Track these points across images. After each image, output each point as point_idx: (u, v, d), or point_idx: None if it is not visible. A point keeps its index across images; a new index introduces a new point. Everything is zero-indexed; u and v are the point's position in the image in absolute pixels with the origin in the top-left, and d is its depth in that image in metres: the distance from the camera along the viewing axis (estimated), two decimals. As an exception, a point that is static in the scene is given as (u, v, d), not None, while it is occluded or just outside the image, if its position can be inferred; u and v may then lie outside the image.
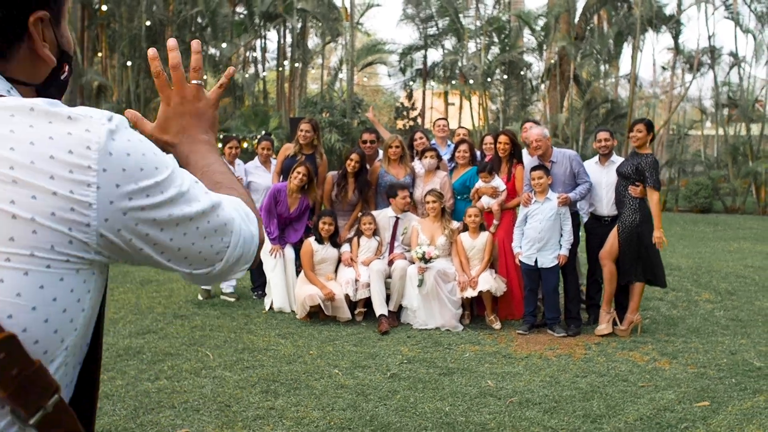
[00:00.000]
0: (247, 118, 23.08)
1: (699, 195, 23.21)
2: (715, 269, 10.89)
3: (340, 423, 4.51)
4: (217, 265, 1.09)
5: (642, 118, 7.42)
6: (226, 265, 1.11)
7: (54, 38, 1.07)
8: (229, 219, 1.08)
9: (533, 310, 7.17)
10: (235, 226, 1.10)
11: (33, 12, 1.01)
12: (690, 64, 26.42)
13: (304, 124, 8.20)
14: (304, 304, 7.16)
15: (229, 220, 1.08)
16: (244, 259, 1.14)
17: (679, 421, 4.63)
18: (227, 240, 1.08)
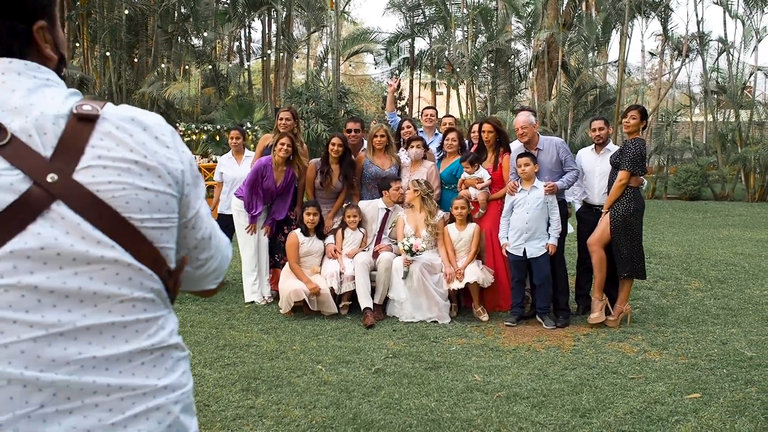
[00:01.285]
0: (231, 109, 22.82)
1: (688, 182, 23.19)
2: (704, 257, 10.80)
3: (322, 421, 4.37)
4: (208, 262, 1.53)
5: (636, 104, 7.25)
6: (209, 265, 1.54)
7: (52, 40, 1.34)
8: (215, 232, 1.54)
9: (521, 301, 7.04)
10: (219, 240, 1.56)
11: (35, 22, 1.29)
12: (679, 51, 26.36)
13: (284, 113, 8.00)
14: (289, 299, 7.00)
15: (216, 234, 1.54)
16: (218, 273, 1.59)
17: (670, 414, 4.52)
18: (214, 243, 1.53)
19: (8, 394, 1.12)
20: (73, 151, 1.20)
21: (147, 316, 1.28)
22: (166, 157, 1.31)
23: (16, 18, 1.26)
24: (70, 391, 1.16)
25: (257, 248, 7.71)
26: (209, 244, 1.49)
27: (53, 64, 1.33)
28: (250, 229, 7.63)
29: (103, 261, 1.21)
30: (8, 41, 1.26)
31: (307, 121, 21.38)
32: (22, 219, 1.15)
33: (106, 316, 1.22)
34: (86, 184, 1.19)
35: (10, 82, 1.23)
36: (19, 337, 1.14)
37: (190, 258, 1.46)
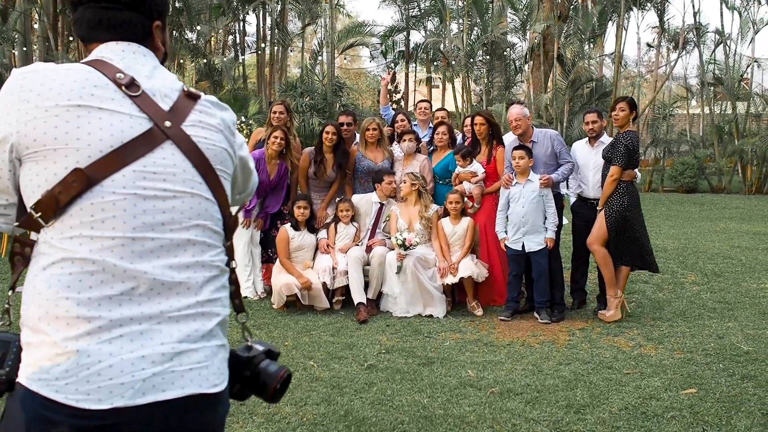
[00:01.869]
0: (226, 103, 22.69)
1: (685, 175, 23.15)
2: (701, 250, 10.75)
3: (313, 419, 4.31)
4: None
5: (624, 96, 7.17)
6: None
7: (162, 38, 1.78)
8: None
9: (517, 295, 6.98)
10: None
11: (154, 21, 1.75)
12: (675, 42, 26.25)
13: (277, 106, 7.93)
14: (281, 294, 6.94)
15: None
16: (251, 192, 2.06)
17: (665, 410, 4.46)
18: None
19: (98, 279, 1.50)
20: (182, 112, 1.66)
21: (211, 241, 1.66)
22: (231, 130, 1.80)
23: (144, 15, 1.72)
24: (153, 283, 1.53)
25: (249, 243, 7.65)
26: (252, 178, 2.01)
27: (160, 55, 1.78)
28: (244, 224, 7.56)
29: (192, 192, 1.63)
30: (139, 30, 1.71)
31: (302, 115, 21.27)
32: (147, 146, 1.57)
33: (185, 233, 1.61)
34: (191, 134, 1.65)
35: (141, 58, 1.69)
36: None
37: (244, 188, 1.98)
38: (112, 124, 1.53)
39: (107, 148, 1.51)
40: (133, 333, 1.47)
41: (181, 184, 1.61)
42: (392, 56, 31.48)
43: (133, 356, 1.45)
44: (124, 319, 1.47)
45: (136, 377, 1.44)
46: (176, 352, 1.51)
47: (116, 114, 1.54)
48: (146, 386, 1.45)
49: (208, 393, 1.54)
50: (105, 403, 1.41)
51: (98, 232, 1.49)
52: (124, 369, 1.43)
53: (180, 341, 1.52)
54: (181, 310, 1.54)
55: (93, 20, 1.68)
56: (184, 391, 1.50)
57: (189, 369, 1.52)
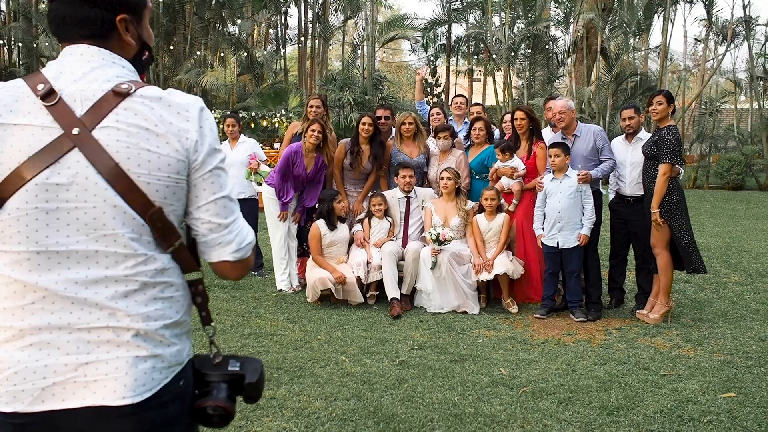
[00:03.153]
0: (266, 97, 22.82)
1: (731, 171, 22.64)
2: (746, 249, 10.51)
3: (342, 414, 4.29)
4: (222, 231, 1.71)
5: (661, 89, 7.02)
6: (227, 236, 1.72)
7: (135, 32, 1.72)
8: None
9: (553, 293, 6.89)
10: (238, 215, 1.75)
11: (118, 14, 1.67)
12: (723, 36, 25.67)
13: (314, 100, 7.94)
14: (315, 288, 6.94)
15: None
16: (235, 249, 1.73)
17: (702, 414, 4.35)
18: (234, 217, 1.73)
19: (11, 290, 1.54)
20: (98, 114, 1.56)
21: (126, 251, 1.57)
22: (179, 128, 1.62)
23: (105, 9, 1.66)
24: (56, 298, 1.53)
25: (286, 236, 7.67)
26: (224, 212, 1.69)
27: (131, 50, 1.72)
28: (281, 217, 7.58)
29: (97, 200, 1.55)
30: (98, 27, 1.66)
31: (342, 108, 21.29)
32: (52, 156, 1.52)
33: (92, 244, 1.55)
34: (100, 139, 1.55)
35: (84, 59, 1.64)
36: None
37: (201, 218, 1.68)
38: (22, 140, 1.54)
39: (15, 165, 1.52)
40: (42, 342, 1.52)
41: (84, 193, 1.55)
42: (433, 49, 31.31)
43: (38, 365, 1.51)
44: (34, 328, 1.52)
45: (36, 385, 1.50)
46: (81, 362, 1.52)
47: (28, 128, 1.55)
48: (45, 394, 1.51)
49: (114, 405, 1.52)
50: (9, 406, 1.51)
51: (8, 246, 1.54)
52: (27, 377, 1.51)
53: (88, 352, 1.53)
54: (90, 323, 1.54)
55: (58, 17, 1.67)
56: (84, 402, 1.51)
57: (94, 380, 1.52)
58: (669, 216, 6.32)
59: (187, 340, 1.73)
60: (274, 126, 19.83)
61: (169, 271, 1.65)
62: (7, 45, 28.41)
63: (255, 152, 8.40)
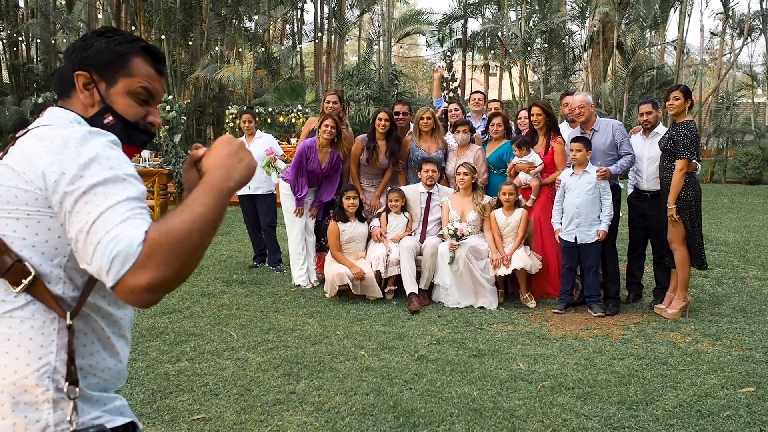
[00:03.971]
0: (282, 92, 22.88)
1: (749, 165, 22.50)
2: (764, 243, 10.46)
3: (362, 408, 4.33)
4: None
5: (678, 84, 6.99)
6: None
7: (97, 93, 1.66)
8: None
9: (570, 288, 6.90)
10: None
11: (74, 71, 1.65)
12: (740, 29, 25.48)
13: (330, 96, 7.98)
14: (333, 283, 6.99)
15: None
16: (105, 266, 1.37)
17: (721, 409, 4.36)
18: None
19: None
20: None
21: None
22: (41, 160, 1.47)
23: (68, 65, 1.68)
24: None
25: (304, 232, 7.71)
26: (86, 238, 1.39)
27: (89, 111, 1.67)
28: (297, 212, 7.63)
29: None
30: (59, 83, 1.70)
31: (359, 103, 21.32)
32: None
33: None
34: None
35: (40, 120, 1.63)
36: None
37: (77, 251, 1.42)
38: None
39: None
40: None
41: None
42: (449, 44, 31.25)
43: None
44: None
45: None
46: None
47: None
48: None
49: None
50: None
51: None
52: None
53: None
54: None
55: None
56: None
57: None
58: (684, 211, 6.32)
59: (53, 410, 1.49)
60: (291, 121, 19.88)
61: (11, 318, 1.49)
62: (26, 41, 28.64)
63: (272, 147, 8.46)
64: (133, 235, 1.33)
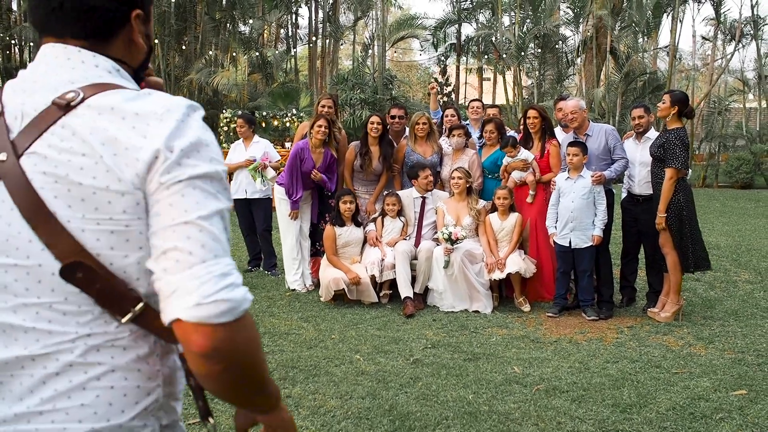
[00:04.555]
0: (277, 96, 22.91)
1: (740, 170, 22.60)
2: (755, 248, 10.52)
3: (358, 412, 4.36)
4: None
5: (673, 89, 7.07)
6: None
7: (144, 32, 1.37)
8: None
9: (565, 292, 6.94)
10: None
11: (134, 9, 1.33)
12: (732, 35, 25.63)
13: (325, 101, 8.02)
14: (329, 288, 7.01)
15: None
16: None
17: (714, 411, 4.40)
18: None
19: None
20: (31, 134, 1.20)
21: (52, 327, 1.20)
22: (128, 146, 1.17)
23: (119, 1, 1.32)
24: None
25: (299, 236, 7.74)
26: (187, 243, 1.16)
27: (138, 55, 1.38)
28: (292, 215, 7.65)
29: (19, 254, 1.20)
30: (101, 22, 1.31)
31: (353, 107, 21.36)
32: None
33: (9, 316, 1.21)
34: (26, 169, 1.18)
35: (60, 65, 1.28)
36: None
37: (153, 251, 1.19)
38: None
39: None
40: None
41: (5, 245, 1.20)
42: (443, 49, 31.34)
43: None
44: None
45: None
46: None
47: None
48: None
49: None
50: None
51: None
52: None
53: None
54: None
55: (51, 3, 1.29)
56: None
57: None
58: (675, 216, 6.37)
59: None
60: (285, 125, 19.90)
61: (113, 347, 1.24)
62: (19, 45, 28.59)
63: (267, 152, 8.50)
64: (246, 296, 1.18)
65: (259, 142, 8.81)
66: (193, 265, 1.14)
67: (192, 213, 1.16)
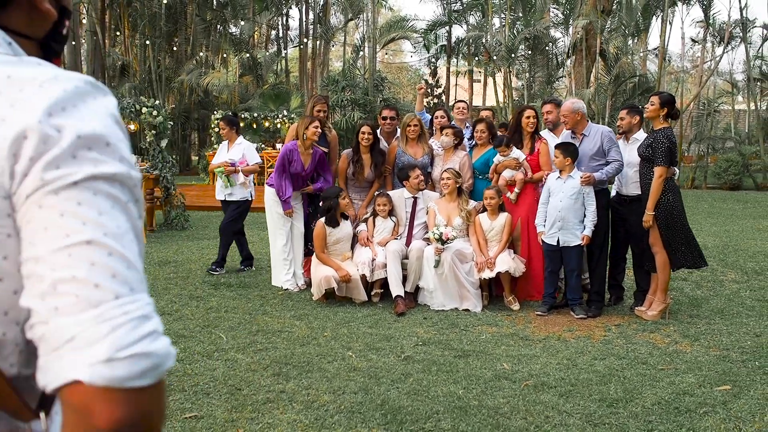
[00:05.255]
0: (268, 98, 22.99)
1: (729, 171, 22.80)
2: (742, 248, 10.66)
3: (351, 407, 4.44)
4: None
5: (661, 91, 7.19)
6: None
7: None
8: None
9: (553, 291, 7.04)
10: None
11: None
12: (721, 37, 25.85)
13: (320, 105, 8.12)
14: (320, 286, 7.08)
15: None
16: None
17: (698, 406, 4.51)
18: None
19: None
20: None
21: None
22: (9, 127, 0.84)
23: None
24: None
25: (291, 237, 7.81)
26: (88, 271, 0.82)
27: (44, 23, 1.04)
28: (288, 214, 7.71)
29: None
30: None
31: (344, 109, 21.45)
32: None
33: None
34: None
35: None
36: None
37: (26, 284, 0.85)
38: None
39: None
40: None
41: None
42: (434, 50, 31.47)
43: None
44: None
45: None
46: None
47: None
48: None
49: None
50: None
51: None
52: None
53: None
54: None
55: None
56: None
57: None
58: (665, 216, 6.48)
59: None
60: (276, 127, 19.98)
61: None
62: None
63: (245, 154, 8.63)
64: (170, 350, 0.85)
65: (240, 144, 8.91)
66: (101, 302, 0.81)
67: (96, 228, 0.83)
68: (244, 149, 8.82)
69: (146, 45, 24.53)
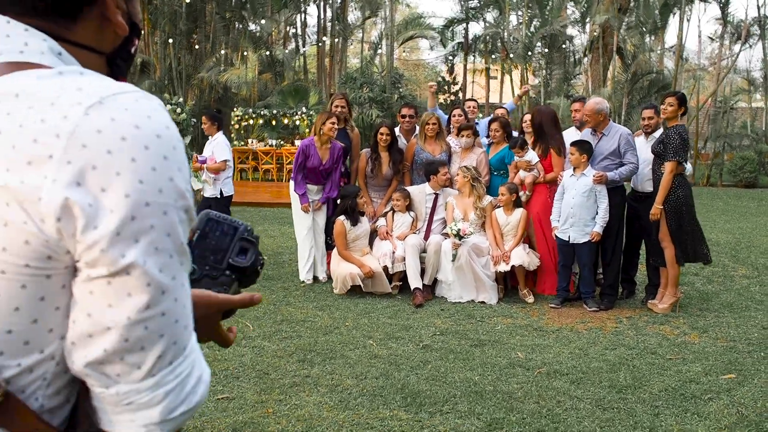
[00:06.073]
0: (287, 95, 23.26)
1: (744, 169, 22.81)
2: (754, 244, 10.82)
3: (372, 390, 4.70)
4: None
5: (675, 91, 7.37)
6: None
7: (125, 8, 1.01)
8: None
9: (566, 285, 7.24)
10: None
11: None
12: (738, 35, 25.85)
13: (339, 100, 8.29)
14: (345, 282, 7.31)
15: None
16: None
17: (703, 393, 4.73)
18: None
19: None
20: None
21: None
22: (35, 154, 0.78)
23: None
24: None
25: (312, 230, 8.01)
26: (137, 346, 0.84)
27: (114, 38, 1.01)
28: (304, 209, 7.90)
29: None
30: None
31: (361, 106, 21.69)
32: None
33: None
34: None
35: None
36: None
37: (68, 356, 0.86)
38: None
39: None
40: None
41: None
42: (451, 47, 31.61)
43: None
44: None
45: None
46: None
47: None
48: None
49: None
50: None
51: None
52: None
53: None
54: None
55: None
56: None
57: None
58: (674, 211, 6.69)
59: None
60: (295, 123, 20.23)
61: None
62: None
63: (213, 151, 8.84)
64: (206, 393, 0.93)
65: (216, 140, 9.03)
66: (161, 370, 0.86)
67: (168, 296, 0.86)
68: (215, 146, 8.93)
69: (167, 43, 24.86)
